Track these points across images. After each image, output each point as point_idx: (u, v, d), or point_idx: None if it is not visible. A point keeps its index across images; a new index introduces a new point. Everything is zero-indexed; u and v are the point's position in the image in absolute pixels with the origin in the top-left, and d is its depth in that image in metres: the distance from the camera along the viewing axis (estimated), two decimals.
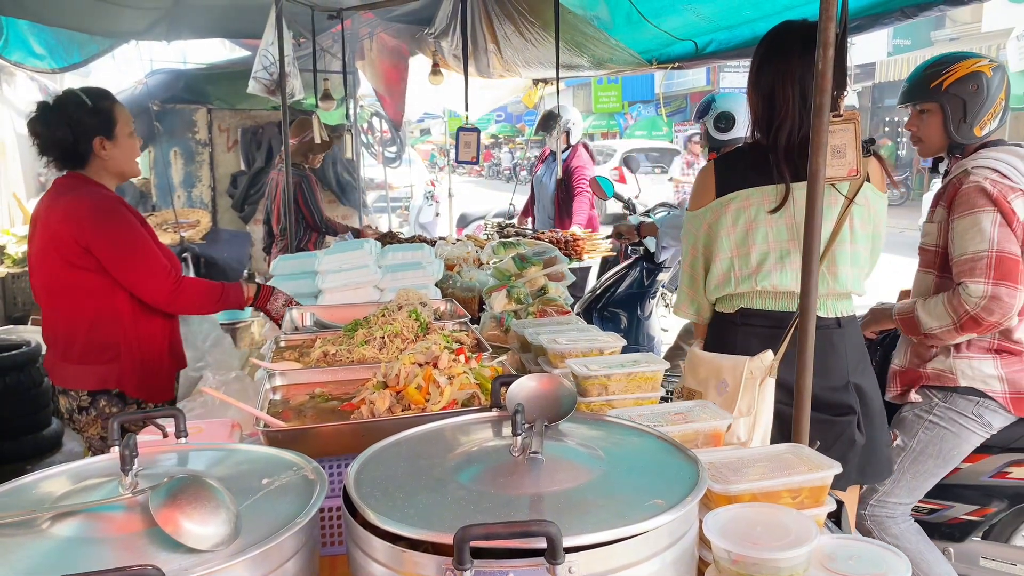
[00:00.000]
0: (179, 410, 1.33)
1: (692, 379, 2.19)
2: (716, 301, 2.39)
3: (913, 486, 2.81)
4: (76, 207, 2.70)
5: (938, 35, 19.71)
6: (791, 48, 2.23)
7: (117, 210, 2.76)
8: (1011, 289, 2.47)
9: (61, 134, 2.73)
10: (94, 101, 2.78)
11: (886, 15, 3.64)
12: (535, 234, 5.18)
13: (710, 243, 2.33)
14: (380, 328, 2.21)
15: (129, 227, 2.76)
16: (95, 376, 2.83)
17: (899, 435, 2.81)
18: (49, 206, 2.78)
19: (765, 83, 2.27)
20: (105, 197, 2.77)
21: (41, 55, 6.66)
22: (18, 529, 1.02)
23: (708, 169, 2.35)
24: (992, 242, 2.50)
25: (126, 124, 2.84)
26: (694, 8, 4.45)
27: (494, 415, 1.37)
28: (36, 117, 2.78)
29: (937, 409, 2.75)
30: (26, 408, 5.10)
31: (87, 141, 2.76)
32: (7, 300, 6.66)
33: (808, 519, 1.14)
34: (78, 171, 2.81)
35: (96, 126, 2.76)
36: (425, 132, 26.96)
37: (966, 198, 2.58)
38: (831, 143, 1.74)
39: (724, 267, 2.30)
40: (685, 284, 2.46)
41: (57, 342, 2.87)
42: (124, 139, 2.83)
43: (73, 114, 2.74)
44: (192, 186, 7.99)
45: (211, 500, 0.99)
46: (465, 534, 0.88)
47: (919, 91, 2.78)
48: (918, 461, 2.78)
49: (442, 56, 6.54)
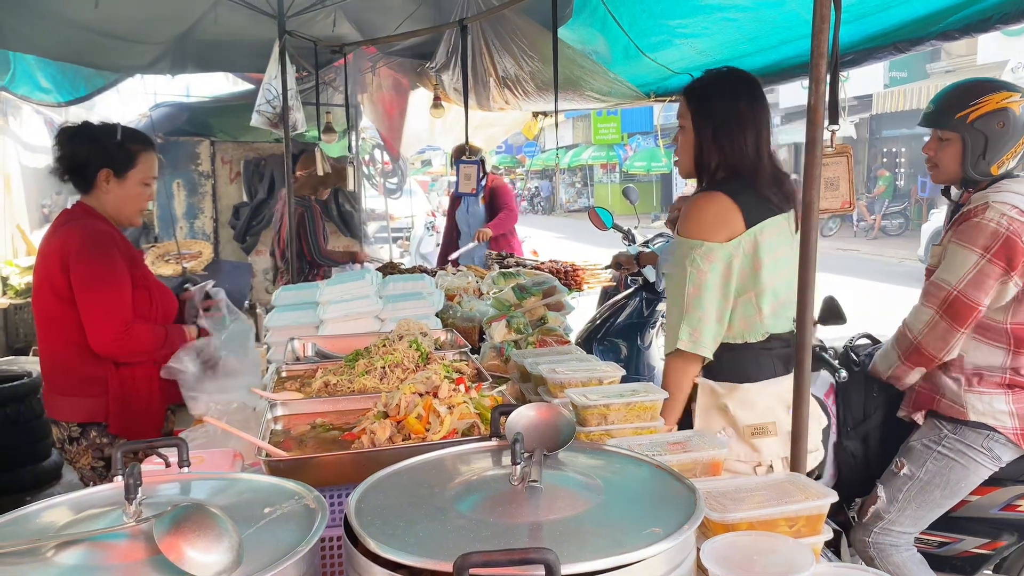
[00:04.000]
0: (182, 440, 1.34)
1: (751, 415, 2.24)
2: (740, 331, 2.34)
3: (918, 516, 2.79)
4: (68, 240, 2.73)
5: (934, 67, 19.92)
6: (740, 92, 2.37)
7: (104, 247, 2.75)
8: (950, 327, 2.62)
9: (80, 151, 2.78)
10: (125, 137, 2.83)
11: (879, 50, 3.69)
12: (535, 264, 5.21)
13: (750, 274, 2.28)
14: (381, 358, 2.23)
15: (105, 266, 2.73)
16: (83, 408, 2.83)
17: (906, 464, 2.80)
18: (48, 238, 2.82)
19: (766, 125, 2.35)
20: (98, 232, 2.77)
21: (47, 89, 6.77)
22: (22, 558, 1.03)
23: (722, 199, 2.28)
24: (961, 282, 2.60)
25: (144, 173, 2.86)
26: (690, 43, 4.52)
27: (494, 444, 1.39)
28: (66, 129, 2.83)
29: (946, 440, 2.73)
30: (26, 439, 5.09)
31: (96, 168, 2.79)
32: (9, 331, 6.69)
33: (805, 547, 1.15)
34: (86, 199, 2.84)
35: (111, 158, 2.79)
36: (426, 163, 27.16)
37: (972, 230, 2.61)
38: (824, 176, 1.77)
39: (773, 296, 2.28)
40: (712, 319, 2.27)
41: (49, 373, 2.89)
42: (133, 185, 2.85)
43: (99, 137, 2.80)
44: (195, 217, 8.05)
45: (214, 528, 1.00)
46: (464, 562, 0.89)
47: (943, 118, 2.73)
48: (924, 491, 2.76)
49: (443, 89, 6.62)
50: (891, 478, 2.84)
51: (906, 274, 14.86)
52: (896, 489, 2.80)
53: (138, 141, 2.89)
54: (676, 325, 2.29)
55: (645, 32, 4.61)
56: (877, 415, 3.04)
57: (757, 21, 4.00)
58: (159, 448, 1.43)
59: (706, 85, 2.42)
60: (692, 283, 2.25)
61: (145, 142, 2.90)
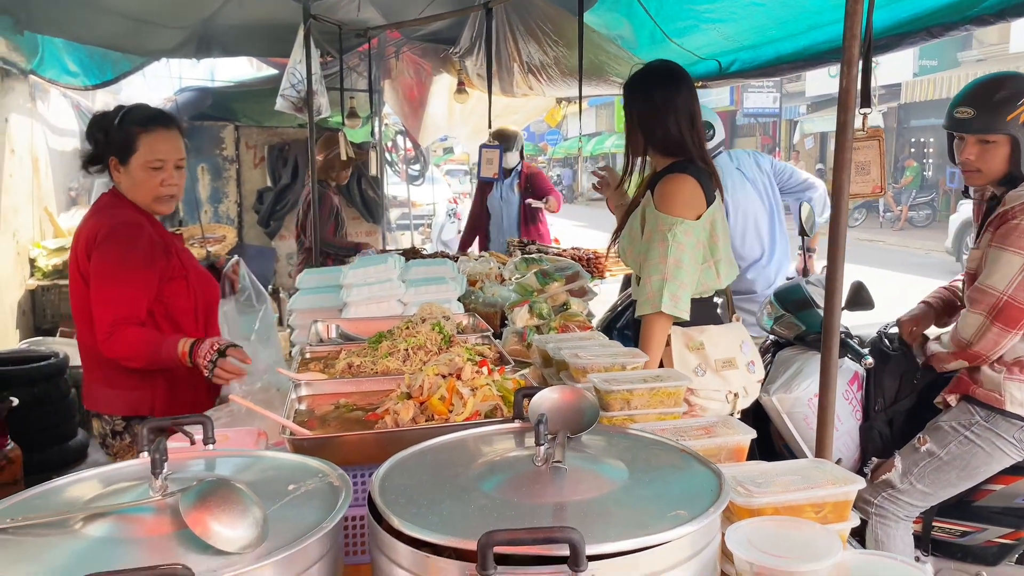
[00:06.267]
0: (207, 417, 1.35)
1: (719, 351, 2.70)
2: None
3: (928, 492, 2.82)
4: (96, 229, 2.63)
5: (965, 56, 19.59)
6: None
7: (122, 240, 2.62)
8: (1002, 330, 2.61)
9: (93, 140, 2.71)
10: (124, 119, 2.66)
11: (911, 35, 3.63)
12: (558, 252, 5.20)
13: (709, 245, 2.73)
14: (404, 340, 2.23)
15: (114, 262, 2.58)
16: (124, 401, 2.73)
17: (929, 441, 2.81)
18: (81, 226, 2.74)
19: (685, 110, 2.74)
20: (121, 224, 2.64)
21: (75, 72, 6.82)
22: (51, 529, 1.04)
23: (691, 181, 2.68)
24: (1010, 287, 2.58)
25: (145, 157, 2.64)
26: (717, 28, 4.47)
27: (517, 426, 1.38)
28: (89, 120, 2.75)
29: (976, 427, 2.73)
30: (53, 419, 5.16)
31: (105, 157, 2.69)
32: (36, 312, 6.77)
33: (832, 533, 1.14)
34: (115, 187, 2.74)
35: (113, 144, 2.66)
36: (448, 151, 27.14)
37: (1013, 233, 2.59)
38: (855, 160, 1.74)
39: (727, 262, 2.78)
40: (689, 285, 2.65)
41: (88, 362, 2.78)
42: (137, 170, 2.65)
43: (104, 123, 2.68)
44: (219, 202, 8.11)
45: (239, 503, 1.01)
46: (489, 539, 0.88)
47: (991, 122, 2.66)
48: (941, 470, 2.78)
49: (467, 75, 6.61)
50: (911, 452, 2.85)
51: (932, 266, 14.68)
52: (913, 463, 2.83)
53: (136, 122, 2.65)
54: (656, 291, 2.61)
55: (671, 17, 4.57)
56: (907, 400, 3.09)
57: (786, 6, 3.95)
58: (184, 426, 1.44)
59: (631, 79, 2.86)
60: (672, 255, 2.61)
61: (146, 122, 2.66)
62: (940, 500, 2.85)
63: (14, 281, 6.47)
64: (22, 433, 4.53)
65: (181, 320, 2.77)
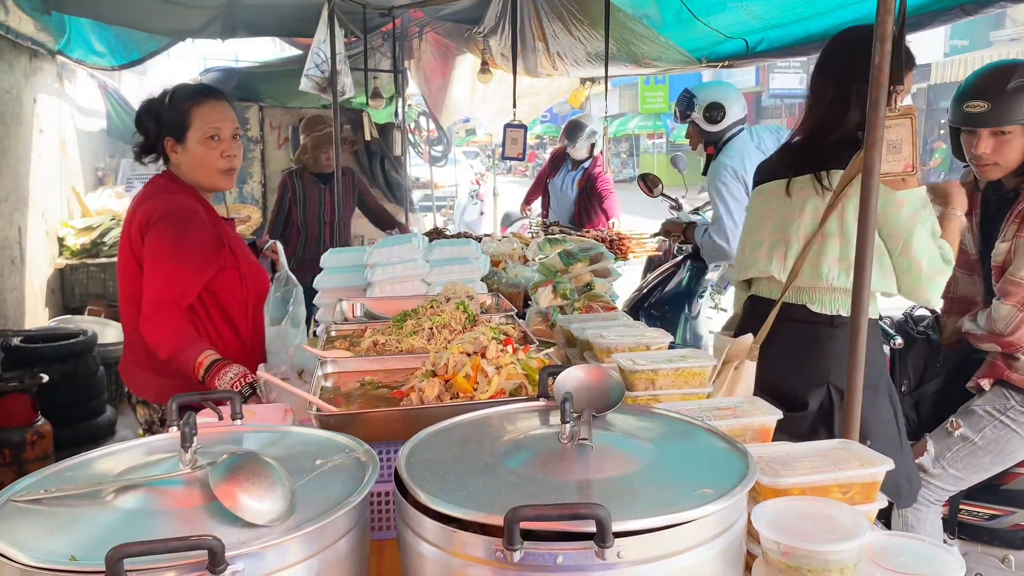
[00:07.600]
0: (236, 393, 1.37)
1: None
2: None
3: (960, 477, 2.79)
4: (151, 213, 2.56)
5: (997, 35, 19.19)
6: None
7: (180, 221, 2.57)
8: None
9: (145, 127, 2.66)
10: (174, 97, 2.64)
11: (945, 12, 3.56)
12: (581, 232, 5.18)
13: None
14: (428, 319, 2.23)
15: (175, 239, 2.53)
16: (174, 390, 2.60)
17: (963, 426, 2.78)
18: (134, 208, 2.66)
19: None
20: (180, 208, 2.59)
21: (101, 52, 6.87)
22: (83, 500, 1.06)
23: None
24: None
25: (202, 130, 2.61)
26: (745, 6, 4.40)
27: (542, 404, 1.38)
28: (138, 112, 2.70)
29: (1012, 411, 2.71)
30: (82, 395, 5.26)
31: (160, 139, 2.64)
32: (65, 291, 6.87)
33: (859, 514, 1.13)
34: (172, 169, 2.68)
35: (167, 124, 2.62)
36: (471, 132, 27.07)
37: None
38: (886, 138, 1.71)
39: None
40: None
41: (135, 349, 2.69)
42: (195, 145, 2.61)
43: (153, 106, 2.65)
44: (244, 182, 8.16)
45: (268, 477, 1.02)
46: (515, 515, 0.89)
47: (1009, 114, 2.61)
48: (974, 455, 2.76)
49: (490, 55, 6.57)
50: (943, 436, 2.83)
51: None
52: (946, 447, 2.80)
53: (186, 97, 2.63)
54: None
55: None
56: (935, 383, 3.05)
57: None
58: (213, 401, 1.46)
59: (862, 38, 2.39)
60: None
61: (195, 96, 2.64)
62: (971, 484, 2.83)
63: (43, 260, 6.56)
64: (52, 409, 4.63)
65: (232, 311, 2.71)
